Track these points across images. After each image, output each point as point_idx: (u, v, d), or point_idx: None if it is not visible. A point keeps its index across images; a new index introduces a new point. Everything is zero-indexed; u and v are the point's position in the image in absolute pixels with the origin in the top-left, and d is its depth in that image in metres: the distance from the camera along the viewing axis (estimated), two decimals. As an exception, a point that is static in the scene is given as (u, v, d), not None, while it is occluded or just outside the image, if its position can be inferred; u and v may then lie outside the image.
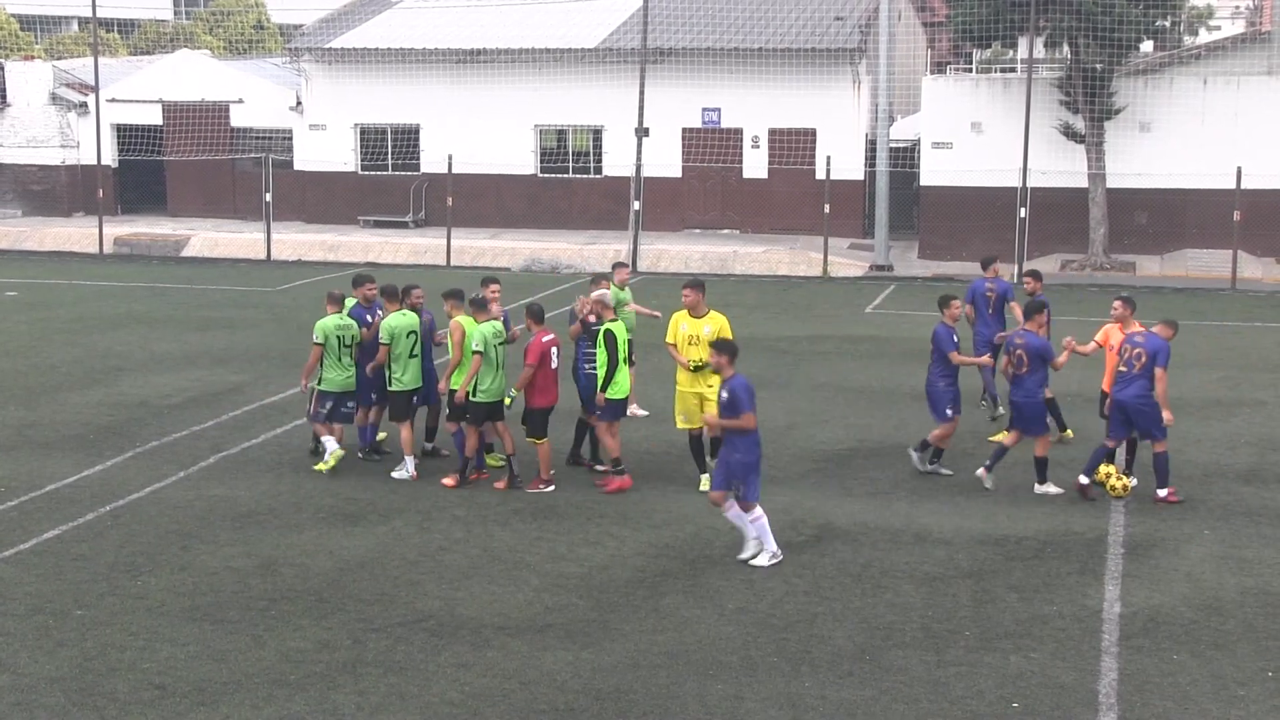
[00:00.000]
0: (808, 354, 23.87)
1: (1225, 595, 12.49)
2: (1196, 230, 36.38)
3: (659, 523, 14.57)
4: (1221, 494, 15.55)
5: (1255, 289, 32.92)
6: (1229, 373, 22.48)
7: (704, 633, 11.65)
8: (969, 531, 14.29)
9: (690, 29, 41.48)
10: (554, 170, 42.77)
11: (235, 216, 44.35)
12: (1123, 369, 15.26)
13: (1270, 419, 19.26)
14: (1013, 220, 35.27)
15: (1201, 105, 36.20)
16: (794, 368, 22.82)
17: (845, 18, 41.18)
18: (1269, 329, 26.93)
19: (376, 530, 14.36)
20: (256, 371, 22.42)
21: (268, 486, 15.95)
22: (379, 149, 43.69)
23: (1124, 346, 15.41)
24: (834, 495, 15.55)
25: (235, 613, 12.08)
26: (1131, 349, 15.26)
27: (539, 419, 15.66)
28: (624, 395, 15.89)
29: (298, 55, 43.89)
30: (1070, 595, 12.50)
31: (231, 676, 10.76)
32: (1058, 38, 35.88)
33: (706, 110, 40.76)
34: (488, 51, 41.79)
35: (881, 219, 36.55)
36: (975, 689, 10.57)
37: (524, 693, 10.52)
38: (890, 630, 11.70)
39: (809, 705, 10.31)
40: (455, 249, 37.85)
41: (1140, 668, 10.95)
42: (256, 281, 34.40)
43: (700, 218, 41.52)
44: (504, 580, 12.91)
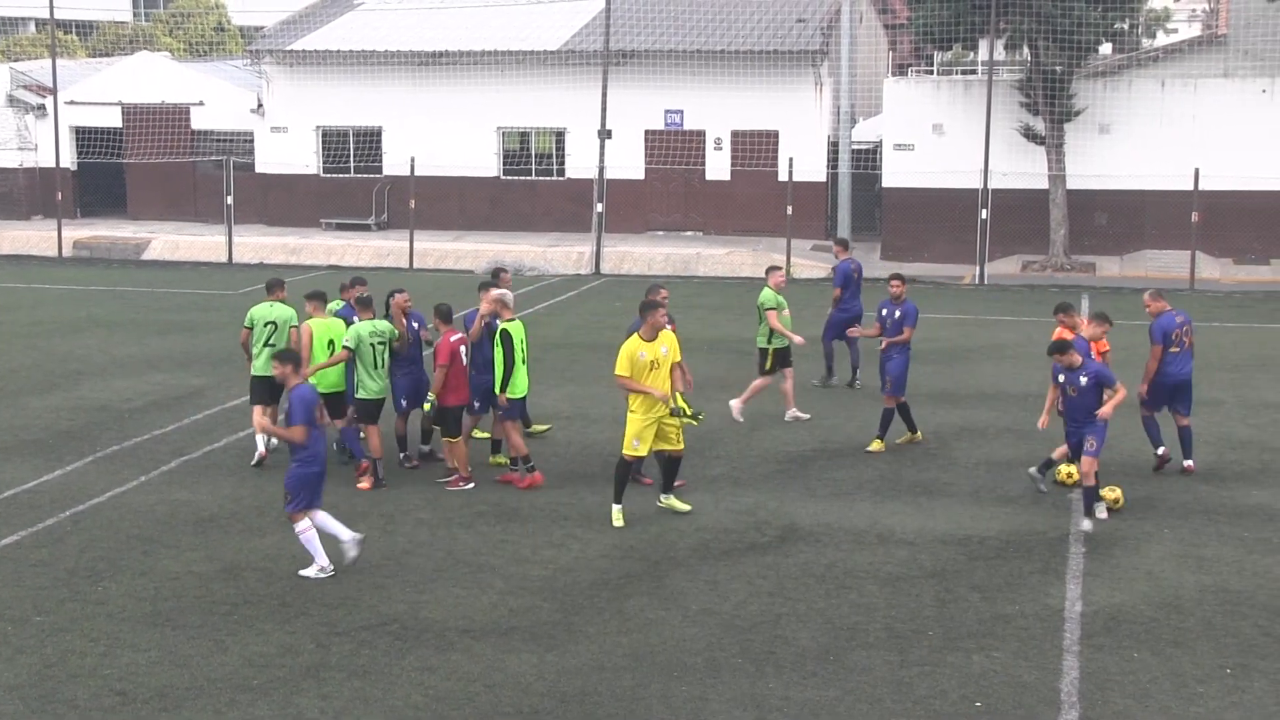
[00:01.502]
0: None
1: (1184, 593, 12.60)
2: (1155, 231, 36.67)
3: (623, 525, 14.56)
4: (1181, 493, 15.67)
5: (1213, 289, 33.19)
6: (1188, 372, 22.61)
7: (668, 634, 11.67)
8: (932, 532, 14.36)
9: (653, 31, 41.51)
10: (517, 172, 42.72)
11: (196, 219, 44.09)
12: (1175, 350, 16.29)
13: (1229, 418, 19.43)
14: (974, 221, 35.45)
15: (1160, 107, 36.50)
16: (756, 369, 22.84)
17: (807, 20, 41.31)
18: (1227, 329, 27.17)
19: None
20: (218, 375, 22.30)
21: (230, 490, 15.87)
22: (341, 151, 43.54)
23: (1175, 333, 16.31)
24: (798, 496, 15.59)
25: (197, 618, 12.02)
26: (1181, 331, 16.40)
27: (452, 417, 15.81)
28: (523, 394, 15.95)
29: (259, 57, 43.70)
30: (1032, 594, 12.58)
31: (194, 682, 10.71)
32: (1018, 40, 36.13)
33: (669, 112, 40.80)
34: (450, 54, 41.71)
35: (844, 220, 36.70)
36: (938, 689, 10.62)
37: (488, 696, 10.51)
38: (854, 630, 11.74)
39: (773, 706, 10.33)
40: (418, 251, 37.75)
41: (1101, 666, 11.02)
42: (218, 284, 34.22)
43: (663, 220, 41.56)
44: (468, 583, 12.89)
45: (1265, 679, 10.78)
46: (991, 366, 23.03)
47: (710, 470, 16.70)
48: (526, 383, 16.05)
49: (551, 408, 17.03)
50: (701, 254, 37.57)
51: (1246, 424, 19.07)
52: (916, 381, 21.37)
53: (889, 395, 17.61)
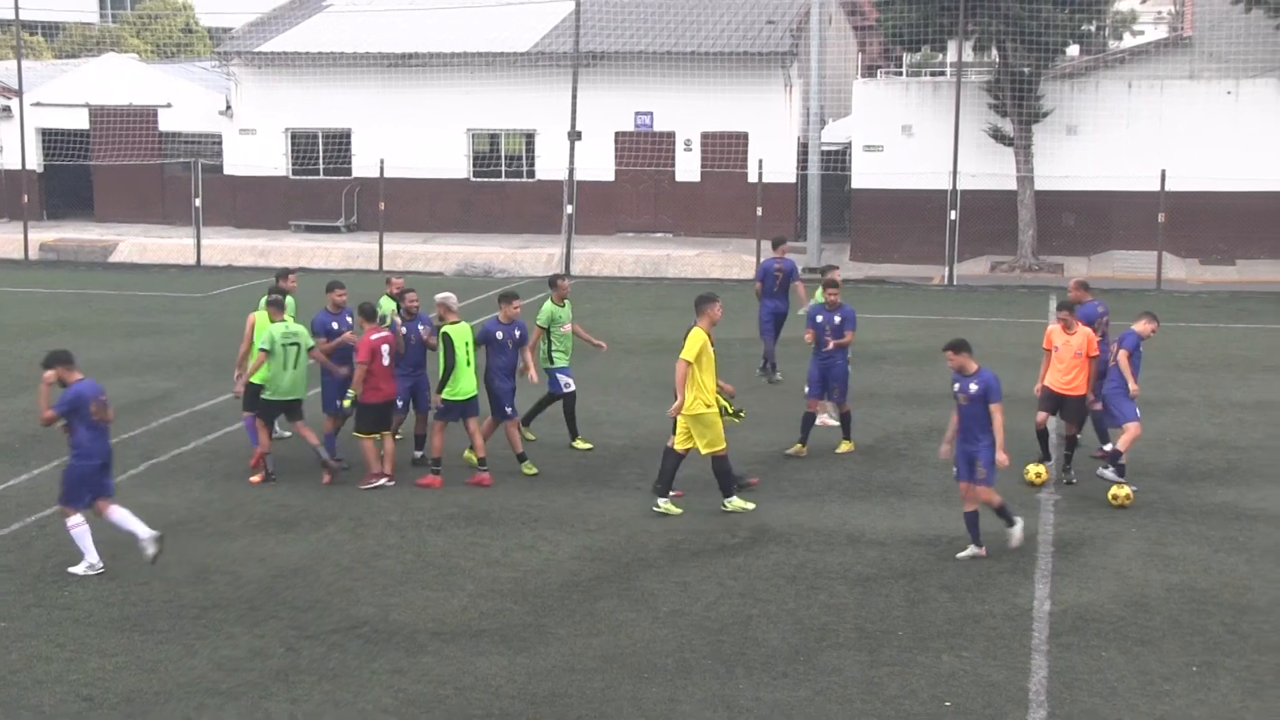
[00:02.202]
0: (741, 357, 23.93)
1: (1151, 592, 12.67)
2: (1122, 232, 36.86)
3: (593, 527, 14.58)
4: (1148, 492, 15.76)
5: (1180, 289, 33.39)
6: (1155, 373, 22.73)
7: (639, 636, 11.67)
8: (902, 532, 14.40)
9: (622, 33, 41.51)
10: (486, 174, 42.66)
11: (164, 222, 43.85)
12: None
13: (1195, 418, 19.55)
14: (943, 222, 35.57)
15: (1126, 108, 36.70)
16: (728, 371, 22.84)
17: (776, 22, 41.38)
18: (1193, 329, 27.34)
19: (310, 537, 14.26)
20: (187, 378, 22.20)
21: (199, 494, 15.81)
22: (310, 153, 43.39)
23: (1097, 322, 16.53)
24: (768, 497, 15.61)
25: (165, 622, 11.96)
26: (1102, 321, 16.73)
27: (370, 415, 15.96)
28: (465, 396, 15.99)
29: (227, 59, 43.52)
30: (1001, 594, 12.64)
31: (162, 687, 10.66)
32: (986, 42, 36.28)
33: (639, 114, 40.81)
34: (419, 55, 41.62)
35: (814, 221, 36.74)
36: (908, 688, 10.66)
37: (459, 698, 10.50)
38: (824, 631, 11.77)
39: (744, 707, 10.35)
40: (388, 254, 37.65)
41: (1069, 665, 11.08)
42: (186, 287, 34.06)
43: (633, 221, 41.56)
44: (438, 586, 12.87)
45: (1231, 676, 10.86)
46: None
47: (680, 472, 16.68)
48: (472, 385, 16.10)
49: (521, 410, 17.03)
50: (671, 255, 37.59)
51: (1212, 424, 19.19)
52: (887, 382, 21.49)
53: (840, 402, 17.60)
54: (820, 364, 17.53)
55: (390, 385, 16.14)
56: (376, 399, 15.96)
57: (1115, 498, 15.32)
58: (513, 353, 16.64)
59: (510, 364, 16.63)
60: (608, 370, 21.63)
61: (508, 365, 16.60)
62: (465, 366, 15.95)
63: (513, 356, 16.65)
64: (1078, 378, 16.00)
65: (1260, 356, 24.51)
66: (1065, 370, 16.05)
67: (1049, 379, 16.24)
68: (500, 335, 16.53)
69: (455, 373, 15.85)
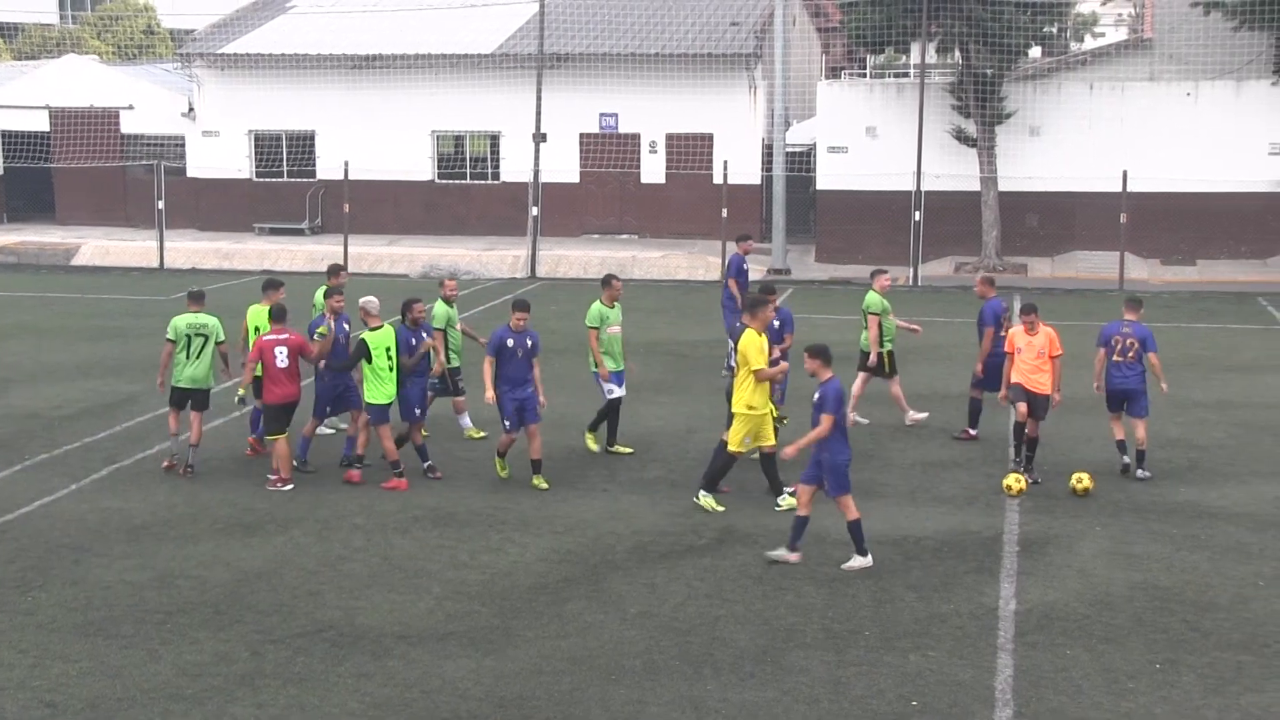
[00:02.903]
0: (706, 358, 23.98)
1: (1115, 590, 12.76)
2: (1085, 232, 37.11)
3: (560, 529, 14.57)
4: (1112, 491, 15.86)
5: (1142, 289, 33.54)
6: (1118, 372, 22.90)
7: (606, 637, 11.67)
8: (868, 532, 14.39)
9: (587, 34, 41.51)
10: (451, 176, 42.59)
11: (127, 224, 43.62)
12: (1003, 334, 17.24)
13: (1158, 417, 19.63)
14: (907, 223, 35.72)
15: (1088, 110, 36.95)
16: (693, 372, 22.93)
17: (741, 23, 41.46)
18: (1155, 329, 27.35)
19: (274, 540, 14.20)
20: (150, 381, 22.00)
21: (163, 498, 15.71)
22: (274, 155, 43.21)
23: (1002, 318, 17.80)
24: (734, 498, 15.62)
25: (129, 627, 11.88)
26: (1004, 316, 17.83)
27: (270, 414, 16.16)
28: (382, 401, 16.01)
29: (189, 61, 43.29)
30: (967, 594, 12.69)
31: (126, 692, 10.59)
32: (949, 43, 36.48)
33: (604, 115, 40.82)
34: (383, 57, 41.52)
35: (779, 223, 36.83)
36: (875, 688, 10.69)
37: (425, 701, 10.47)
38: (791, 631, 11.80)
39: (711, 708, 10.36)
40: (353, 256, 37.50)
41: (1035, 663, 11.14)
42: (149, 290, 33.86)
43: (599, 223, 41.56)
44: (405, 589, 12.83)
45: (1193, 673, 10.94)
46: (926, 367, 23.20)
47: (647, 473, 16.73)
48: (390, 390, 16.10)
49: (489, 412, 16.98)
50: (637, 257, 37.61)
51: (1175, 423, 19.33)
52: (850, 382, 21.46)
53: (778, 404, 17.24)
54: None
55: (288, 387, 16.10)
56: (271, 400, 16.08)
57: (1080, 483, 15.61)
58: (523, 362, 15.94)
59: (520, 374, 15.93)
60: (573, 372, 21.61)
61: (517, 375, 15.94)
62: (387, 372, 16.02)
63: (522, 366, 15.94)
64: (1042, 378, 16.14)
65: (1221, 356, 24.71)
66: (1029, 371, 16.17)
67: (1018, 375, 16.34)
68: (511, 343, 15.90)
69: (375, 378, 15.97)
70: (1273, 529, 14.54)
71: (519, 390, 15.97)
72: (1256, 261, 36.65)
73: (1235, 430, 18.91)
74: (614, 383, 17.37)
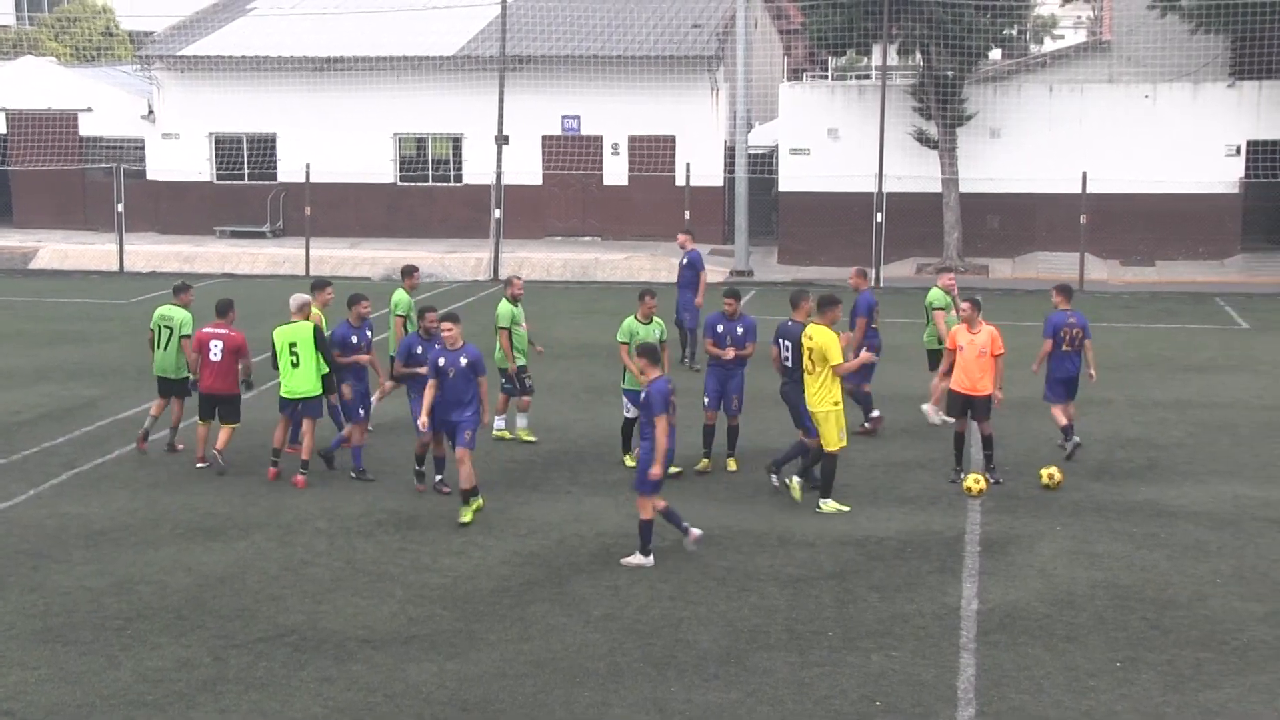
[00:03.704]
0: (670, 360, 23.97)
1: (1077, 589, 12.83)
2: (1046, 233, 37.33)
3: (524, 531, 14.54)
4: (1073, 490, 15.96)
5: (1102, 290, 33.84)
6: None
7: (570, 640, 11.66)
8: (831, 533, 14.49)
9: (549, 36, 41.49)
10: (413, 179, 42.48)
11: (86, 228, 43.32)
12: (875, 326, 18.30)
13: (1118, 417, 19.83)
14: (869, 225, 35.84)
15: (1048, 111, 37.18)
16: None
17: (703, 25, 41.52)
18: (1115, 329, 27.70)
19: (236, 545, 14.12)
20: (110, 386, 21.92)
21: (123, 503, 15.60)
22: (234, 158, 43.00)
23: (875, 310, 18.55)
24: (698, 499, 15.64)
25: (89, 633, 11.80)
26: (876, 309, 18.64)
27: (200, 401, 17.02)
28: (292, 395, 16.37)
29: (149, 63, 43.02)
30: (930, 593, 12.74)
31: (85, 699, 10.51)
32: (910, 45, 36.60)
33: (566, 118, 40.80)
34: (345, 59, 41.37)
35: (741, 225, 36.89)
36: (839, 688, 10.72)
37: (389, 706, 10.43)
38: (755, 633, 11.82)
39: (675, 710, 10.37)
40: (314, 259, 37.37)
41: (997, 662, 11.20)
42: (109, 294, 33.63)
43: (561, 225, 41.53)
44: (367, 592, 12.79)
45: (1153, 671, 11.02)
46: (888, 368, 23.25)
47: (610, 475, 16.72)
48: (302, 385, 16.32)
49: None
50: (600, 259, 37.60)
51: (1134, 422, 19.47)
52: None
53: (734, 414, 17.07)
54: (718, 375, 16.92)
55: (214, 380, 16.79)
56: (203, 389, 16.95)
57: (1051, 478, 15.88)
58: (455, 381, 14.78)
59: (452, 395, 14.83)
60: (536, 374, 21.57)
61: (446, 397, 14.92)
62: (290, 368, 16.29)
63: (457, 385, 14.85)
64: (984, 377, 16.16)
65: (1179, 356, 24.90)
66: (972, 370, 16.18)
67: (955, 382, 16.40)
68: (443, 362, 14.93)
69: (284, 373, 16.39)
70: (1230, 527, 14.67)
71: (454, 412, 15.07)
72: (1214, 262, 36.96)
73: (1194, 430, 19.05)
74: (630, 400, 16.72)
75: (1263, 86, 36.37)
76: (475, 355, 14.88)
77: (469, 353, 14.84)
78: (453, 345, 14.87)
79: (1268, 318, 29.28)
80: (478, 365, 14.85)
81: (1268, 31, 35.02)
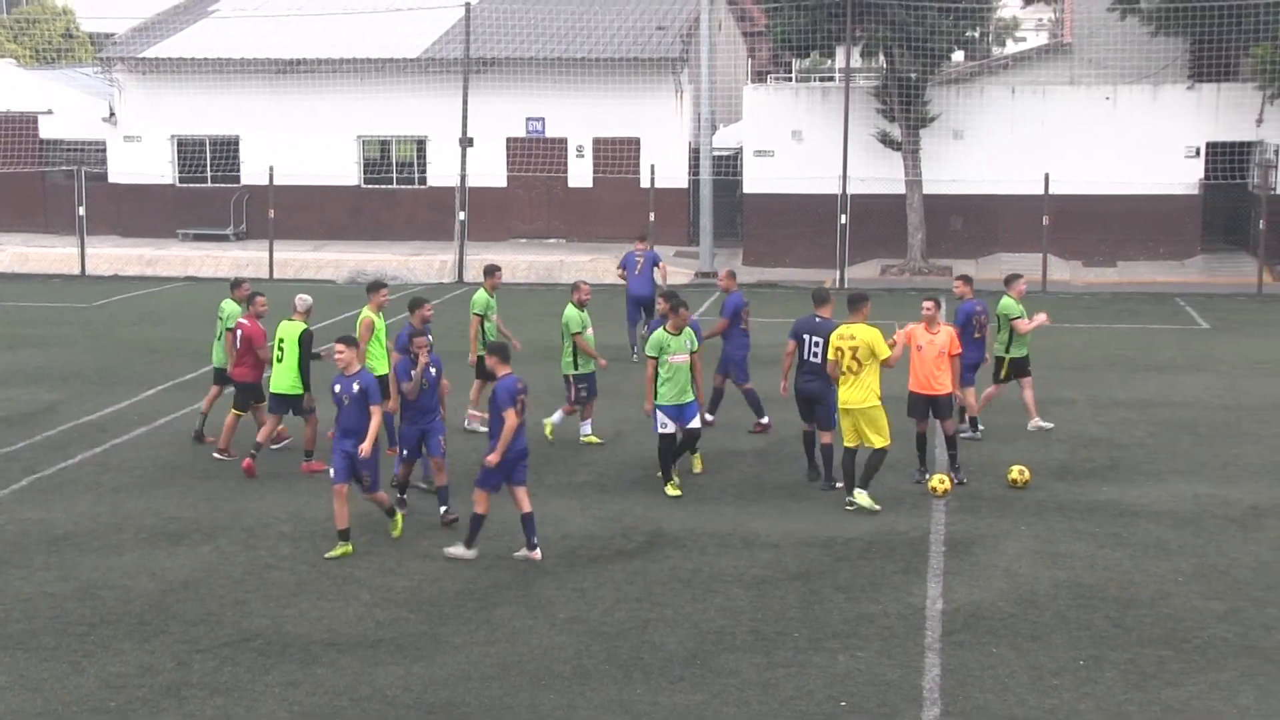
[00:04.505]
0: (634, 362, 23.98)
1: (1040, 589, 12.91)
2: (1008, 234, 37.51)
3: (489, 534, 14.49)
4: (1036, 490, 16.05)
5: (1064, 290, 34.04)
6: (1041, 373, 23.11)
7: (536, 643, 11.66)
8: (796, 534, 14.52)
9: (513, 39, 41.44)
10: (377, 181, 42.35)
11: (47, 231, 43.00)
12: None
13: (1080, 417, 19.94)
14: (834, 226, 35.94)
15: (1010, 113, 37.38)
16: (622, 375, 22.90)
17: (667, 27, 41.56)
18: (1078, 330, 27.89)
19: (200, 549, 14.05)
20: (71, 390, 21.76)
21: (86, 508, 15.50)
22: (197, 161, 42.77)
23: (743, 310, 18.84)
24: (663, 502, 15.65)
25: (51, 639, 11.72)
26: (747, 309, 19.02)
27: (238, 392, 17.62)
28: (277, 390, 16.84)
29: (110, 65, 42.74)
30: (895, 594, 12.79)
31: (47, 706, 10.44)
32: (873, 48, 36.74)
33: (530, 120, 40.76)
34: (308, 61, 41.21)
35: (706, 227, 36.95)
36: (804, 689, 10.75)
37: (355, 709, 10.41)
38: (721, 634, 11.84)
39: (641, 712, 10.38)
40: (278, 262, 37.21)
41: (962, 662, 11.25)
42: (70, 297, 33.39)
43: (526, 227, 41.49)
44: (333, 596, 12.75)
45: (1115, 669, 11.10)
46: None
47: (576, 477, 16.72)
48: (282, 382, 16.79)
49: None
50: (565, 261, 37.58)
51: (1097, 422, 19.59)
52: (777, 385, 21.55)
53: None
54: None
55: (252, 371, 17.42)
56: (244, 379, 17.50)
57: (1022, 475, 16.07)
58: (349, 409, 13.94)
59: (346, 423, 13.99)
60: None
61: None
62: (276, 363, 16.88)
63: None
64: (943, 376, 16.22)
65: (1141, 356, 25.08)
66: (931, 370, 16.23)
67: (913, 383, 16.45)
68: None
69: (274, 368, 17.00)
70: (1191, 526, 14.78)
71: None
72: (1174, 263, 37.23)
73: (1155, 429, 19.19)
74: (666, 417, 15.92)
75: (1221, 89, 36.69)
76: (368, 382, 13.86)
77: (363, 378, 13.86)
78: (346, 370, 13.92)
79: (1227, 318, 29.52)
80: (370, 392, 13.78)
81: (1226, 34, 35.31)
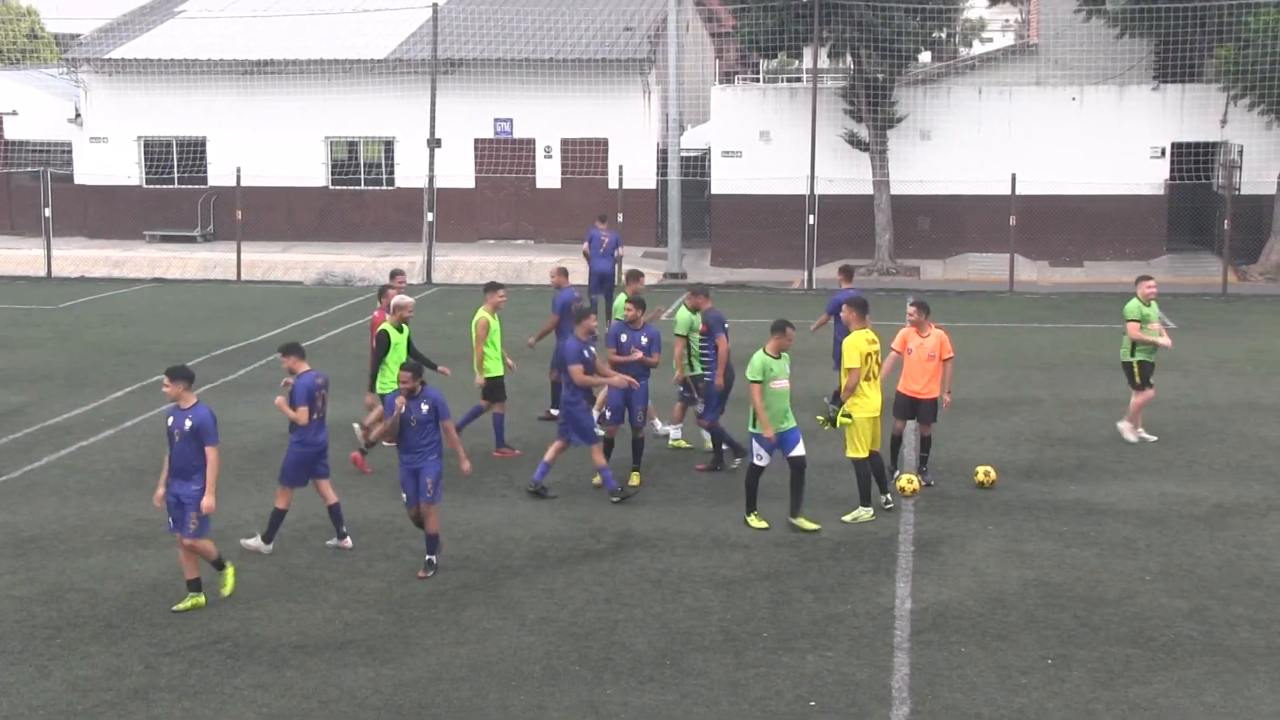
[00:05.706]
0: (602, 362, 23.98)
1: (1008, 588, 12.98)
2: (976, 235, 37.66)
3: (459, 535, 14.51)
4: (1004, 490, 16.13)
5: (1031, 290, 34.20)
6: (1009, 372, 23.33)
7: (505, 644, 11.66)
8: (765, 535, 14.56)
9: (480, 40, 41.38)
10: (345, 182, 42.21)
11: (12, 233, 42.72)
12: None
13: (1048, 416, 20.05)
14: (802, 227, 36.01)
15: (978, 114, 37.53)
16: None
17: (634, 28, 41.57)
18: (1045, 329, 28.04)
19: (168, 552, 13.97)
20: (38, 392, 21.63)
21: (52, 511, 15.41)
22: (164, 162, 42.55)
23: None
24: (632, 503, 15.67)
25: (17, 643, 11.65)
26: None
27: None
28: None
29: (75, 66, 42.47)
30: (864, 594, 12.84)
31: (13, 710, 10.38)
32: (841, 48, 36.83)
33: (498, 121, 40.71)
34: (276, 62, 41.05)
35: (674, 227, 36.98)
36: (773, 689, 10.78)
37: (323, 712, 10.38)
38: (690, 635, 11.86)
39: (611, 712, 10.39)
40: (246, 263, 37.05)
41: (930, 661, 11.30)
42: (36, 299, 33.17)
43: (494, 228, 41.43)
44: (302, 598, 12.71)
45: (1083, 668, 11.17)
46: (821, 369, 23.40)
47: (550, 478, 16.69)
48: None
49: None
50: (533, 262, 37.54)
51: (1064, 421, 19.70)
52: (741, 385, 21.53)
53: (641, 426, 16.87)
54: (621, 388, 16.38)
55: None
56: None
57: (988, 475, 16.17)
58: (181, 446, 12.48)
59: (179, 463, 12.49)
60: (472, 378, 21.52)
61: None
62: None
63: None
64: (932, 381, 16.31)
65: (1108, 355, 25.12)
66: (920, 374, 16.33)
67: (902, 385, 16.50)
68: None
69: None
70: (1158, 525, 14.88)
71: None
72: (1140, 263, 37.35)
73: (1122, 428, 19.29)
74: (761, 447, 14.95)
75: (1186, 90, 36.92)
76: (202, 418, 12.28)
77: (196, 414, 12.31)
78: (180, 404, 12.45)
79: (1193, 318, 29.71)
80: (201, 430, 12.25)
81: (1190, 36, 35.55)
